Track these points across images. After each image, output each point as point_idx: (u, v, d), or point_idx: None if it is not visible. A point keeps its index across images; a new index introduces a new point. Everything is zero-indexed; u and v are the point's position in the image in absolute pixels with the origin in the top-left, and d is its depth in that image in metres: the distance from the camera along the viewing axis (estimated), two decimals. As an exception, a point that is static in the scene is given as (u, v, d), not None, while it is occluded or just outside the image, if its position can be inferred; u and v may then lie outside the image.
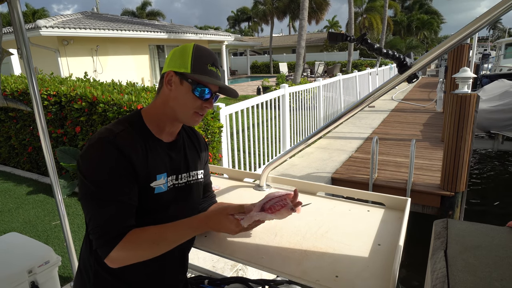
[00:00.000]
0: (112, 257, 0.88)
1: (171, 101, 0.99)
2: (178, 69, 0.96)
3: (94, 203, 0.89)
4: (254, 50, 33.55)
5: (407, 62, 1.03)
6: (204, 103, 1.00)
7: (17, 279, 1.50)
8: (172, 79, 0.97)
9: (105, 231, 0.89)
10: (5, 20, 18.17)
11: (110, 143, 0.90)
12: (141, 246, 0.91)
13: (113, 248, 0.88)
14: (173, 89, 0.98)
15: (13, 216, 3.30)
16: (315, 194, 1.50)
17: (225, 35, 17.33)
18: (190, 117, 1.01)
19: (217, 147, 3.55)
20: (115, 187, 0.89)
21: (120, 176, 0.90)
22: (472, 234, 0.83)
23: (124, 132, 0.93)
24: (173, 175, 1.04)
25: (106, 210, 0.89)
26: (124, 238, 0.90)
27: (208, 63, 0.98)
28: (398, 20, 36.69)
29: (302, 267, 0.99)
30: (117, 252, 0.88)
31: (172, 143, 1.06)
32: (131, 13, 38.57)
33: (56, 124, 3.98)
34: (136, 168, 0.92)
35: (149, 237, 0.93)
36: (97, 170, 0.89)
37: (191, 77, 0.96)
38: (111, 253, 0.88)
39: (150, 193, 0.97)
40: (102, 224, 0.89)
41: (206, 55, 0.99)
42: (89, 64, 11.21)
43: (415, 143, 4.00)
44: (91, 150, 0.91)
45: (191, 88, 0.97)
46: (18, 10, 1.45)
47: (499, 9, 0.84)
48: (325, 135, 6.67)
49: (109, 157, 0.89)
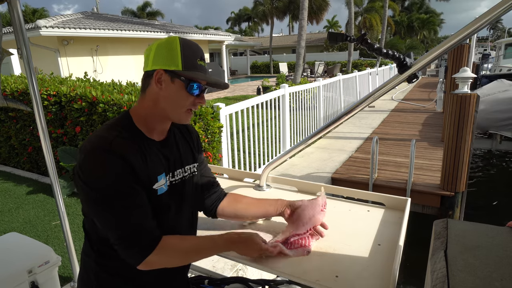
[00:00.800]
0: (148, 261, 0.90)
1: (162, 100, 0.95)
2: (168, 67, 0.92)
3: (114, 212, 0.87)
4: (254, 50, 33.54)
5: (407, 62, 1.03)
6: (197, 99, 0.97)
7: (17, 279, 1.50)
8: (162, 77, 0.93)
9: (136, 240, 0.88)
10: (5, 20, 18.17)
11: (107, 151, 0.87)
12: (177, 254, 0.95)
13: (149, 254, 0.89)
14: (164, 88, 0.94)
15: (13, 216, 3.30)
16: (315, 194, 1.50)
17: (225, 35, 17.33)
18: (183, 115, 0.98)
19: (217, 147, 3.55)
20: (130, 193, 0.88)
21: (129, 181, 0.88)
22: (472, 234, 0.83)
23: (119, 138, 0.90)
24: (170, 173, 1.02)
25: (129, 218, 0.88)
26: (160, 244, 0.91)
27: (197, 58, 0.95)
28: (398, 20, 36.71)
29: (302, 267, 0.99)
30: (153, 257, 0.90)
31: (164, 141, 1.03)
32: (131, 12, 38.58)
33: (56, 124, 3.98)
34: (138, 172, 0.90)
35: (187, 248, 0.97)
36: (105, 179, 0.87)
37: (183, 74, 0.92)
38: (147, 259, 0.89)
39: (154, 195, 0.95)
40: (129, 233, 0.88)
41: (194, 50, 0.96)
42: (89, 64, 11.21)
43: (415, 143, 4.00)
44: (91, 161, 0.88)
45: (185, 86, 0.94)
46: (18, 10, 1.45)
47: (499, 9, 0.84)
48: (325, 135, 6.67)
49: (113, 165, 0.87)
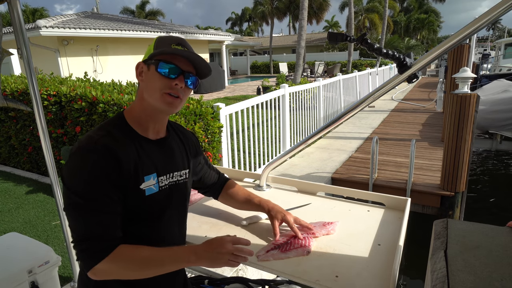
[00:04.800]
0: (97, 269, 0.85)
1: (144, 92, 0.95)
2: (145, 58, 0.96)
3: (77, 213, 0.86)
4: (254, 50, 33.55)
5: (407, 62, 1.03)
6: (173, 81, 0.93)
7: (17, 279, 1.50)
8: (142, 69, 0.96)
9: (92, 244, 0.85)
10: (5, 20, 18.17)
11: (90, 151, 0.86)
12: (130, 265, 0.87)
13: (99, 261, 0.84)
14: (144, 79, 0.95)
15: (13, 216, 3.30)
16: (315, 194, 1.50)
17: (225, 35, 17.33)
18: (159, 100, 0.93)
19: (217, 147, 3.55)
20: (99, 198, 0.86)
21: (103, 185, 0.86)
22: (472, 234, 0.83)
23: (104, 138, 0.89)
24: (164, 174, 1.00)
25: (91, 221, 0.85)
26: (114, 252, 0.86)
27: (171, 43, 0.95)
28: (398, 21, 36.72)
29: (302, 267, 0.99)
30: (103, 265, 0.85)
31: (161, 140, 1.02)
32: (131, 12, 38.54)
33: (56, 124, 3.98)
34: (122, 173, 0.88)
35: (141, 259, 0.88)
36: (79, 180, 0.86)
37: (153, 56, 0.93)
38: (97, 266, 0.84)
39: (141, 196, 0.93)
40: (86, 237, 0.85)
41: (169, 38, 0.96)
42: (89, 64, 11.21)
43: (415, 143, 4.00)
44: (72, 159, 0.87)
45: (155, 67, 0.92)
46: (18, 10, 1.45)
47: (499, 9, 0.84)
48: (325, 135, 6.67)
49: (91, 166, 0.85)
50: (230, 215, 1.33)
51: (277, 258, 1.04)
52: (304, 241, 1.08)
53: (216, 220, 1.31)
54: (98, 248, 0.85)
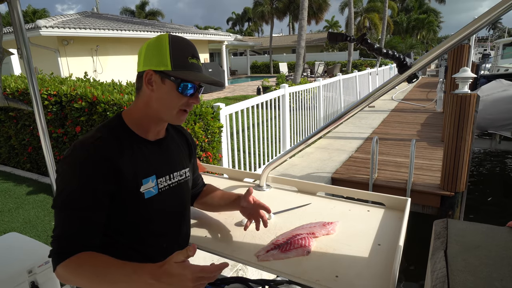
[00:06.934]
0: (57, 272, 0.82)
1: (154, 101, 0.92)
2: (158, 67, 0.89)
3: (59, 213, 0.85)
4: (254, 50, 33.54)
5: (407, 62, 1.03)
6: (190, 99, 0.93)
7: (17, 279, 1.50)
8: (152, 78, 0.91)
9: (62, 245, 0.84)
10: (5, 20, 18.16)
11: (82, 158, 0.85)
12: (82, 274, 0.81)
13: (59, 263, 0.82)
14: (155, 89, 0.91)
15: (13, 216, 3.30)
16: (315, 194, 1.50)
17: (225, 35, 17.32)
18: (175, 116, 0.94)
19: (217, 147, 3.55)
20: (82, 202, 0.84)
21: (89, 190, 0.84)
22: (472, 234, 0.83)
23: (99, 140, 0.87)
24: (163, 176, 0.99)
25: (68, 223, 0.84)
26: (74, 256, 0.82)
27: (188, 56, 0.91)
28: (398, 21, 36.70)
29: (302, 267, 0.99)
30: (61, 269, 0.82)
31: (160, 141, 1.01)
32: (131, 12, 38.54)
33: (56, 124, 3.98)
34: (116, 179, 0.87)
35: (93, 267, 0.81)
36: (67, 182, 0.85)
37: (173, 74, 0.89)
38: (57, 268, 0.82)
39: (141, 199, 0.92)
40: (59, 237, 0.84)
41: (184, 47, 0.92)
42: (89, 64, 11.20)
43: (415, 143, 4.00)
44: (64, 161, 0.86)
45: (175, 87, 0.90)
46: (18, 10, 1.45)
47: (499, 9, 0.84)
48: (325, 135, 6.67)
49: (80, 174, 0.84)
50: (230, 215, 1.33)
51: (277, 258, 1.04)
52: (304, 241, 1.08)
53: (216, 220, 1.31)
54: (63, 250, 0.83)
